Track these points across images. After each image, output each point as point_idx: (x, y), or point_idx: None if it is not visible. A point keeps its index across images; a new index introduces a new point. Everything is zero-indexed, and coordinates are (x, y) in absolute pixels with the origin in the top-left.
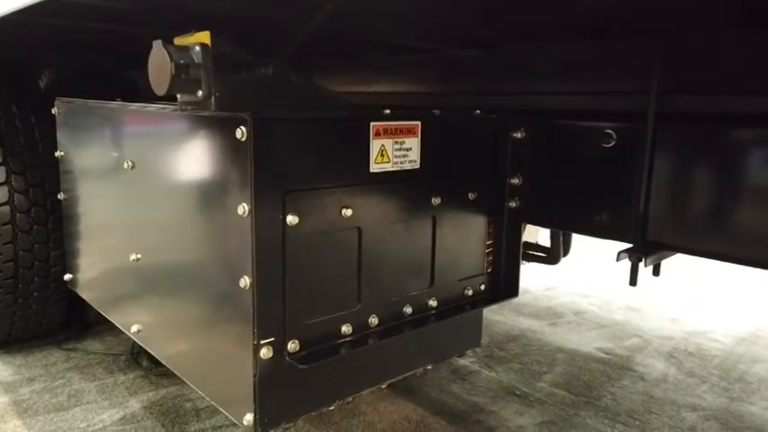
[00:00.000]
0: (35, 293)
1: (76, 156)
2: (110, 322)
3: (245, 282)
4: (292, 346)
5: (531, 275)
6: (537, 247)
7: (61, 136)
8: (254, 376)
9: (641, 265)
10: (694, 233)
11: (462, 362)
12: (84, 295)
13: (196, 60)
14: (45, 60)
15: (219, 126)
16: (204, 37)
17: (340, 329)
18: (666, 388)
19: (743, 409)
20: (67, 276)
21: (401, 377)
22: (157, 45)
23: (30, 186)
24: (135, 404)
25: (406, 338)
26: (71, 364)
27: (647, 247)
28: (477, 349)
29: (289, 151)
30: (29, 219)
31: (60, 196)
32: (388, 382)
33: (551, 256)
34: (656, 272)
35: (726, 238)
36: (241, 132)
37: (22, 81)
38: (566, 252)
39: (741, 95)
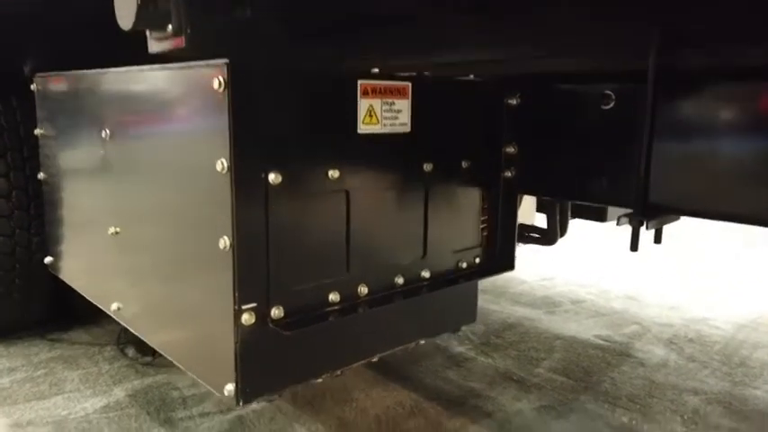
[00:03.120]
0: (16, 281)
1: (55, 131)
2: (97, 314)
3: (224, 242)
4: (276, 312)
5: (528, 266)
6: (533, 228)
7: (41, 112)
8: (236, 343)
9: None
10: (697, 194)
11: (458, 349)
12: (65, 278)
13: None
14: (28, 39)
15: (194, 76)
16: None
17: (327, 297)
18: (667, 373)
19: (746, 392)
20: (48, 259)
21: (393, 351)
22: None
23: (10, 170)
24: (119, 392)
25: (398, 310)
26: (54, 355)
27: (648, 211)
28: (472, 336)
29: (270, 104)
30: (9, 203)
31: (40, 176)
32: (379, 355)
33: (548, 236)
34: (657, 239)
35: (729, 197)
36: (218, 82)
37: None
38: (563, 233)
39: (746, 47)
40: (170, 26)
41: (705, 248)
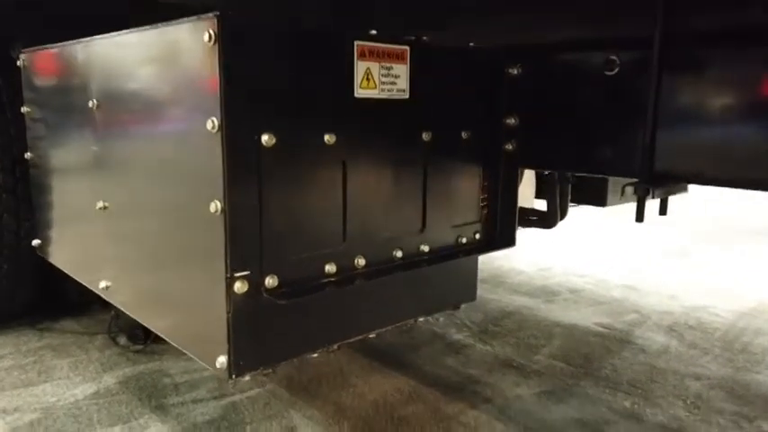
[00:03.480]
0: (4, 266)
1: (42, 108)
2: (87, 301)
3: (215, 206)
4: (270, 281)
5: (526, 257)
6: (532, 211)
7: (27, 90)
8: (228, 313)
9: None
10: (704, 160)
11: (456, 336)
12: (53, 260)
13: None
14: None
15: (184, 30)
16: None
17: (324, 268)
18: (669, 359)
19: (749, 377)
20: (36, 242)
21: (391, 327)
22: None
23: None
24: (110, 380)
25: (396, 285)
26: (44, 343)
27: (655, 180)
28: (470, 324)
29: (263, 61)
30: None
31: (27, 155)
32: (378, 331)
33: (548, 219)
34: (662, 210)
35: (736, 162)
36: (209, 35)
37: None
38: (562, 216)
39: (753, 9)
40: None
41: (702, 239)
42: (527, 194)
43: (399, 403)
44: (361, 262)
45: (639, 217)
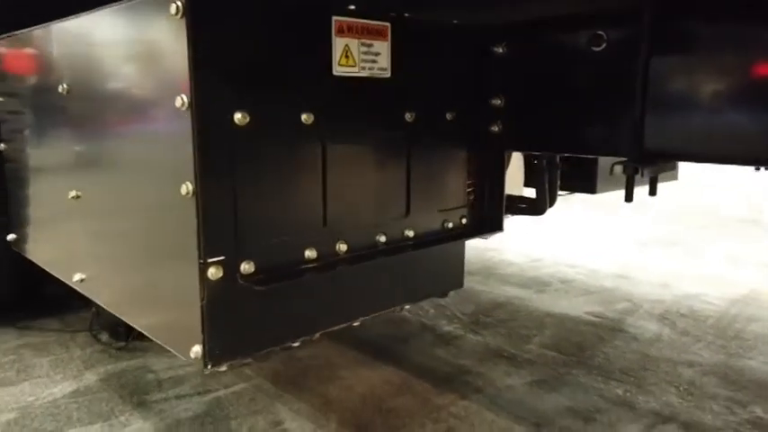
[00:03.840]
0: None
1: (14, 97)
2: (68, 299)
3: (186, 188)
4: (246, 267)
5: (517, 248)
6: (522, 198)
7: None
8: (202, 300)
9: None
10: (693, 137)
11: (447, 327)
12: (28, 254)
13: None
14: None
15: (150, 5)
16: None
17: (303, 254)
18: (661, 347)
19: (741, 363)
20: (11, 237)
21: (376, 314)
22: None
23: None
24: (91, 377)
25: (380, 271)
26: (24, 342)
27: (643, 158)
28: (461, 315)
29: (234, 35)
30: None
31: (1, 147)
32: (362, 319)
33: (537, 206)
34: (652, 190)
35: (726, 139)
36: (176, 7)
37: None
38: (551, 202)
39: None
40: None
41: (692, 228)
42: (516, 182)
43: (388, 395)
44: (342, 247)
45: (629, 197)
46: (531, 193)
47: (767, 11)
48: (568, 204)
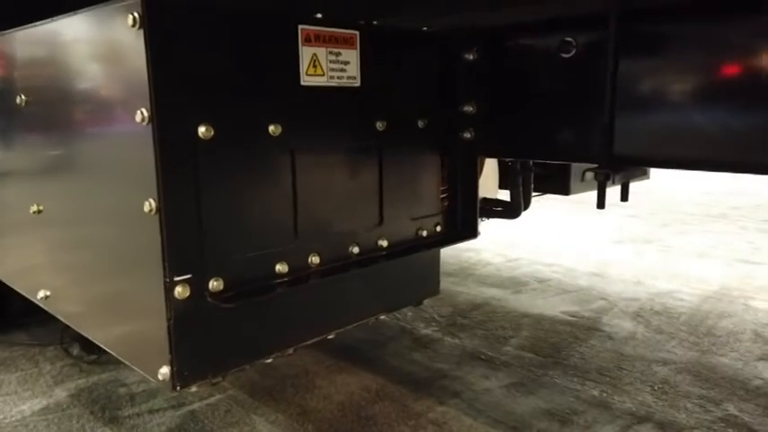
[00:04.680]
0: None
1: None
2: (37, 312)
3: (149, 205)
4: (215, 284)
5: (494, 248)
6: (497, 202)
7: None
8: (168, 320)
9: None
10: (665, 142)
11: (424, 331)
12: None
13: None
14: None
15: (107, 16)
16: None
17: (274, 268)
18: (635, 345)
19: (714, 360)
20: None
21: (351, 326)
22: None
23: None
24: (61, 393)
25: (355, 282)
26: None
27: (615, 164)
28: (438, 318)
29: (196, 46)
30: None
31: None
32: (336, 331)
33: (511, 209)
34: (624, 196)
35: (696, 145)
36: (133, 19)
37: None
38: (526, 205)
39: None
40: None
41: (663, 226)
42: (491, 185)
43: (366, 402)
44: (315, 260)
45: (601, 203)
46: (506, 194)
47: (732, 13)
48: (543, 203)
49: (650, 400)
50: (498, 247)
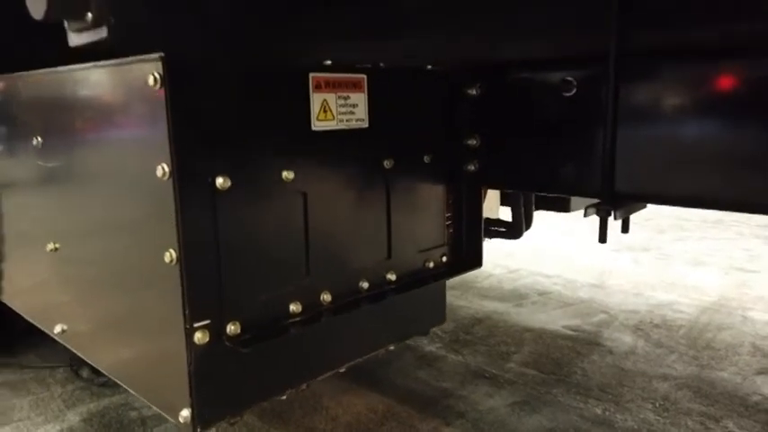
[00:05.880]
0: None
1: None
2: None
3: (170, 256)
4: (232, 328)
5: (494, 260)
6: (499, 222)
7: None
8: (189, 365)
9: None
10: (665, 180)
11: (428, 348)
12: (5, 299)
13: None
14: None
15: (127, 73)
16: None
17: (288, 308)
18: (636, 360)
19: (713, 375)
20: None
21: (361, 359)
22: None
23: None
24: (73, 417)
25: (364, 316)
26: (1, 380)
27: (615, 200)
28: (442, 334)
29: (214, 102)
30: None
31: None
32: (347, 365)
33: (514, 229)
34: (624, 228)
35: (698, 182)
36: (153, 78)
37: None
38: (528, 225)
39: (709, 26)
40: (89, 15)
41: (661, 235)
42: (492, 204)
43: (374, 423)
44: (326, 297)
45: (602, 238)
46: (507, 210)
47: (733, 50)
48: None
49: (652, 418)
50: (498, 257)
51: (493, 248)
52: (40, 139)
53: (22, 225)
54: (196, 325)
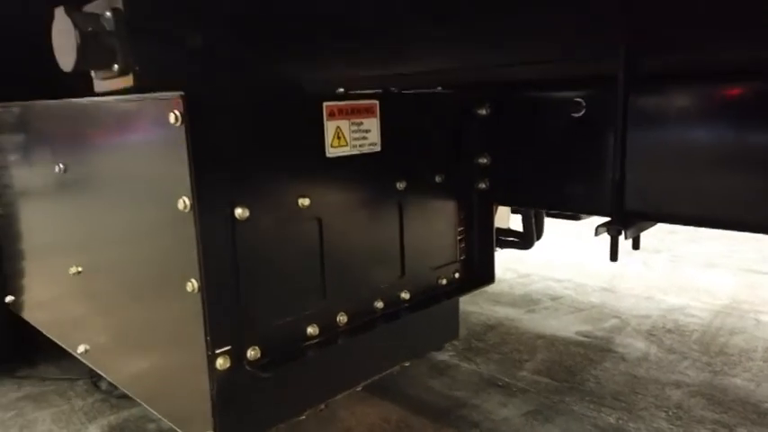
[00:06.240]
0: None
1: (6, 166)
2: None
3: (192, 285)
4: (252, 353)
5: (504, 264)
6: (510, 232)
7: None
8: (211, 390)
9: (621, 238)
10: (674, 200)
11: (441, 356)
12: (28, 317)
13: (107, 27)
14: None
15: (150, 110)
16: (116, 0)
17: (306, 331)
18: (649, 367)
19: (726, 382)
20: (9, 298)
21: (377, 377)
22: (60, 13)
23: None
24: (95, 430)
25: (380, 335)
26: (23, 393)
27: (625, 219)
28: (455, 342)
29: (231, 136)
30: None
31: None
32: (364, 383)
33: (525, 240)
34: (635, 245)
35: (707, 202)
36: (175, 116)
37: None
38: (539, 236)
39: (716, 50)
40: (116, 65)
41: (673, 232)
42: (503, 212)
43: None
44: (342, 319)
45: (614, 256)
46: (518, 219)
47: (745, 70)
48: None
49: (665, 427)
50: (509, 261)
51: (503, 252)
52: (62, 165)
53: (47, 248)
54: (218, 351)
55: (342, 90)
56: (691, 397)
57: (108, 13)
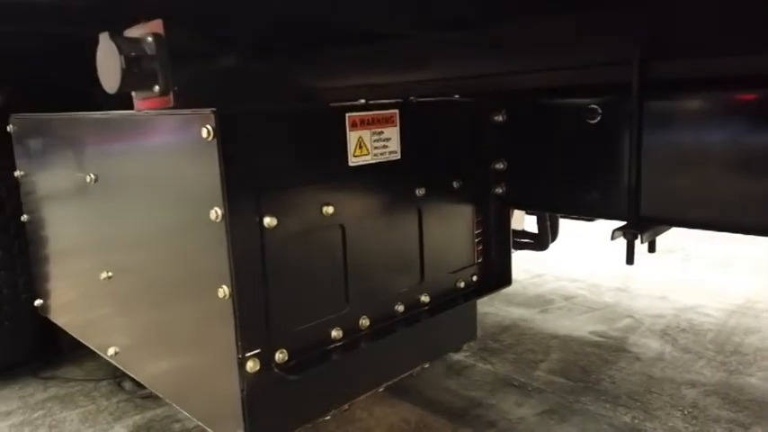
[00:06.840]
0: (6, 323)
1: (37, 174)
2: (87, 346)
3: (224, 292)
4: (280, 356)
5: (518, 264)
6: (524, 234)
7: (19, 154)
8: (242, 391)
9: (636, 242)
10: (689, 204)
11: (457, 357)
12: (57, 320)
13: (149, 52)
14: None
15: (183, 126)
16: (156, 26)
17: (330, 334)
18: (664, 366)
19: (742, 381)
20: (38, 302)
21: (398, 379)
22: (105, 38)
23: None
24: (120, 430)
25: (400, 338)
26: (50, 394)
27: (641, 224)
28: (471, 343)
29: (260, 149)
30: None
31: (24, 218)
32: (385, 385)
33: (540, 241)
34: (651, 248)
35: (721, 207)
36: (207, 131)
37: None
38: (554, 237)
39: (728, 57)
40: (156, 87)
41: (687, 231)
42: (517, 215)
43: None
44: (365, 322)
45: (629, 260)
46: (533, 219)
47: (759, 76)
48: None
49: (681, 426)
50: (522, 261)
51: (516, 253)
52: (92, 176)
53: (77, 254)
54: (248, 355)
55: (363, 100)
56: (706, 396)
57: (150, 39)
